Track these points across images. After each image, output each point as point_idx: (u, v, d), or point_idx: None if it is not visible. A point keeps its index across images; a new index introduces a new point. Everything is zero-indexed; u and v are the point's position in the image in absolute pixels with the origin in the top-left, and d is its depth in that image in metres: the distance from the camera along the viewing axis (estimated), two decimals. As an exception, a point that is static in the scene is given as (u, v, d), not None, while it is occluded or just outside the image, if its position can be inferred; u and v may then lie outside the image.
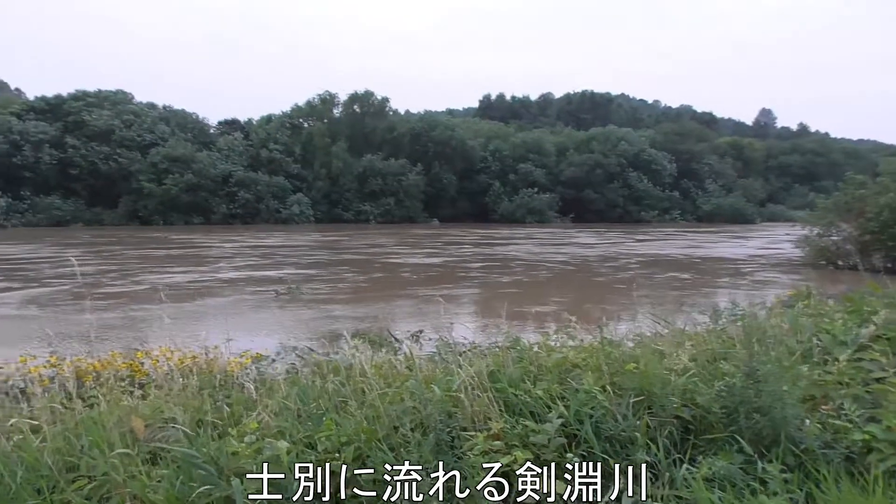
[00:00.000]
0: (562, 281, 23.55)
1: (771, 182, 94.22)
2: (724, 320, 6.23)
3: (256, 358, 6.29)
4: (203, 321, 14.90)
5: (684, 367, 4.01)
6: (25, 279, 21.86)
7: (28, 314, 15.76)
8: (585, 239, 47.04)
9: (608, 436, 3.42)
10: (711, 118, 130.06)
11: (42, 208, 59.41)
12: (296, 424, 3.37)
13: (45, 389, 4.11)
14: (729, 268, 28.00)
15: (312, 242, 41.98)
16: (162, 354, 5.31)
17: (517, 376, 3.87)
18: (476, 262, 29.31)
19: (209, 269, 25.85)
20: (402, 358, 4.73)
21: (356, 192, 69.48)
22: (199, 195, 62.34)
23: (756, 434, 3.41)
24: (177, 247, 37.63)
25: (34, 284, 20.32)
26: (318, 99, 76.93)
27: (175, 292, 18.71)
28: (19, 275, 23.22)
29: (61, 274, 23.11)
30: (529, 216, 71.55)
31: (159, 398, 3.74)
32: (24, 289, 19.66)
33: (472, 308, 17.66)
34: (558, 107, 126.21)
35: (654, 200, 78.16)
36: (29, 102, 68.94)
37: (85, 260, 29.31)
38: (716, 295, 19.29)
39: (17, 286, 20.46)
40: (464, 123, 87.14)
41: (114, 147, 63.31)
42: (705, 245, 42.26)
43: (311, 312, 15.98)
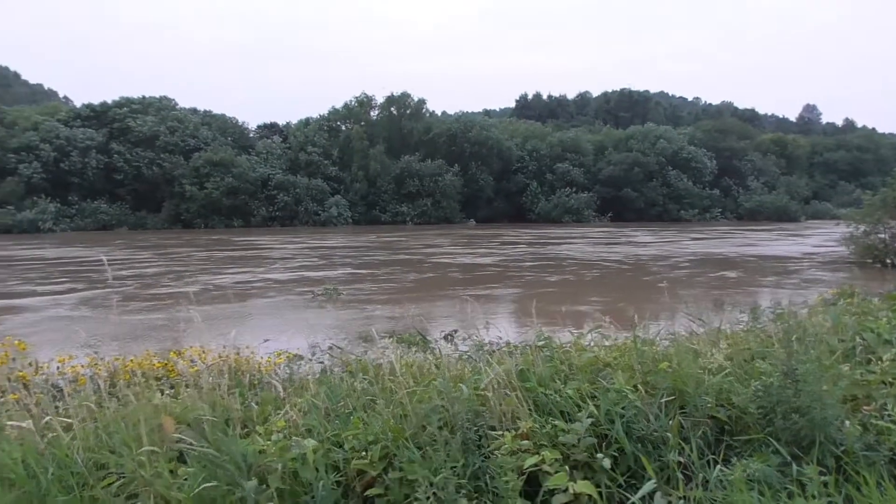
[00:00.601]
0: (609, 280, 23.29)
1: (816, 179, 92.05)
2: (764, 319, 6.09)
3: (290, 358, 6.34)
4: (244, 322, 15.15)
5: (719, 367, 3.91)
6: (90, 280, 22.55)
7: (80, 315, 16.19)
8: (641, 238, 46.70)
9: (640, 436, 3.35)
10: (754, 115, 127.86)
11: (89, 213, 60.99)
12: (324, 423, 3.36)
13: (79, 389, 4.19)
14: (778, 266, 27.42)
15: (369, 243, 42.47)
16: (195, 354, 5.37)
17: (547, 375, 3.81)
18: (528, 262, 29.22)
19: (263, 270, 26.30)
20: (431, 357, 4.70)
21: (393, 193, 69.85)
22: (240, 198, 63.32)
23: (794, 435, 3.31)
24: (239, 248, 38.49)
25: (98, 286, 20.87)
26: (355, 101, 77.60)
27: (224, 293, 19.11)
28: (83, 276, 23.96)
29: (121, 276, 23.81)
30: (567, 216, 71.10)
31: (190, 397, 3.77)
32: (87, 290, 20.26)
33: (514, 307, 17.55)
34: (596, 105, 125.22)
35: (694, 199, 76.99)
36: (76, 110, 70.89)
37: (150, 261, 30.26)
38: (759, 294, 18.94)
39: (80, 287, 21.17)
40: (500, 123, 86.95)
41: (158, 152, 64.75)
42: (761, 243, 41.61)
43: (351, 313, 16.10)
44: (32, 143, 61.06)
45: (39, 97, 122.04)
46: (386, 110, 77.79)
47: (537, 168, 76.41)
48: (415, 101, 77.83)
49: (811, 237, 45.92)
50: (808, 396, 3.30)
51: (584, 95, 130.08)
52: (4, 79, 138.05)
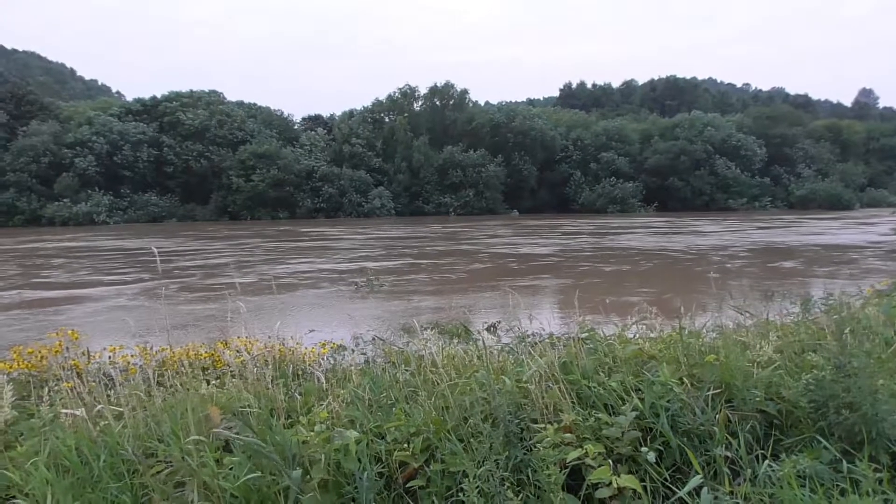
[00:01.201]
0: (664, 270, 22.97)
1: (872, 165, 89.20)
2: (816, 310, 5.92)
3: (334, 348, 6.40)
4: (292, 312, 15.37)
5: (769, 360, 3.82)
6: (155, 271, 23.08)
7: (138, 305, 16.66)
8: (704, 227, 46.20)
9: (685, 430, 3.28)
10: (807, 100, 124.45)
11: (140, 205, 62.61)
12: (366, 414, 3.38)
13: (129, 378, 4.29)
14: (840, 255, 26.67)
15: (433, 233, 42.97)
16: (241, 344, 5.45)
17: (591, 368, 3.77)
18: (587, 252, 29.10)
19: (324, 261, 26.75)
20: (473, 348, 4.69)
21: (436, 184, 70.00)
22: (285, 190, 64.21)
23: (846, 431, 3.21)
24: (307, 239, 39.23)
25: (161, 276, 21.44)
26: (398, 93, 77.90)
27: (277, 284, 19.56)
28: (151, 267, 24.63)
29: (186, 266, 24.51)
30: (611, 206, 70.40)
31: (235, 387, 3.83)
32: (150, 280, 20.85)
33: (561, 298, 17.39)
34: (642, 93, 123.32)
35: (742, 187, 75.39)
36: (127, 104, 72.63)
37: (217, 252, 31.28)
38: (814, 284, 18.46)
39: (146, 277, 21.87)
40: (544, 113, 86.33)
41: (206, 145, 66.04)
42: (828, 231, 40.79)
43: (397, 304, 16.20)
44: (86, 137, 62.78)
45: (94, 93, 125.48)
46: (429, 101, 77.92)
47: (581, 158, 75.72)
48: (458, 92, 77.81)
49: (878, 225, 44.47)
50: (861, 391, 3.20)
51: (630, 83, 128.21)
52: (61, 75, 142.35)
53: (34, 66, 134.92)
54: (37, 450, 3.10)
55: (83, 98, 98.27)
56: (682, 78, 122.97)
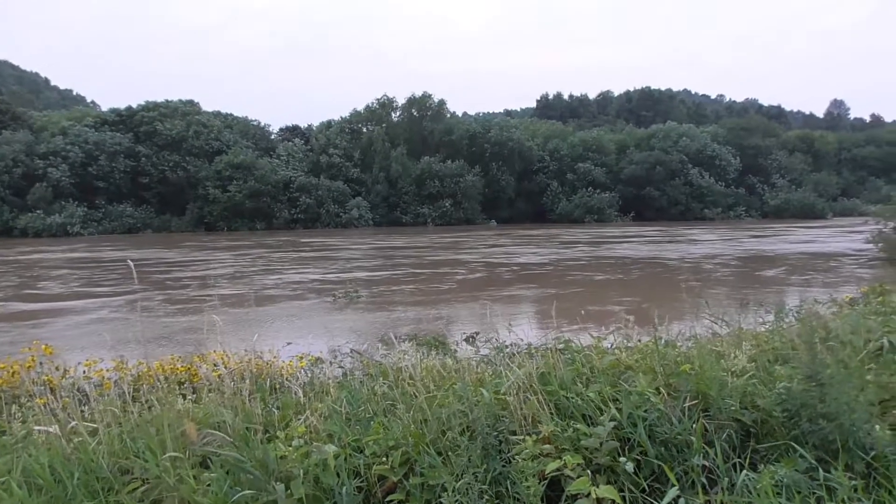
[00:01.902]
0: (651, 279, 23.07)
1: (844, 176, 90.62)
2: (790, 319, 6.01)
3: (312, 361, 6.36)
4: (272, 325, 15.23)
5: (743, 369, 3.86)
6: (143, 283, 22.85)
7: (122, 318, 16.37)
8: (699, 236, 47.04)
9: (663, 439, 3.30)
10: (780, 111, 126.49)
11: (115, 216, 61.87)
12: (344, 428, 3.37)
13: (104, 393, 4.24)
14: (821, 264, 26.98)
15: (433, 243, 42.95)
16: (218, 358, 5.41)
17: (568, 378, 3.78)
18: (582, 261, 29.18)
19: (320, 271, 26.58)
20: (452, 360, 4.69)
21: (414, 195, 70.01)
22: (262, 201, 63.87)
23: (821, 440, 3.25)
24: (308, 249, 38.99)
25: (149, 288, 21.10)
26: (376, 103, 77.91)
27: (262, 295, 19.42)
28: (151, 279, 24.35)
29: (180, 278, 24.30)
30: (588, 215, 70.85)
31: (212, 402, 3.80)
32: (135, 291, 20.36)
33: (545, 308, 17.35)
34: (618, 104, 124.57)
35: (717, 197, 76.30)
36: (103, 114, 71.82)
37: (211, 262, 31.06)
38: (790, 292, 18.70)
39: (129, 288, 21.24)
40: (521, 124, 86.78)
41: (183, 155, 65.53)
42: (818, 240, 41.46)
43: (378, 315, 16.11)
44: (60, 147, 62.02)
45: (69, 102, 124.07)
46: (407, 112, 78.01)
47: (558, 168, 76.18)
48: (435, 103, 77.98)
49: (863, 233, 45.46)
50: (833, 400, 3.24)
51: (606, 95, 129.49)
52: (35, 85, 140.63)
53: (7, 76, 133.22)
54: (9, 468, 3.05)
55: (57, 108, 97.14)
56: (657, 89, 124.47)
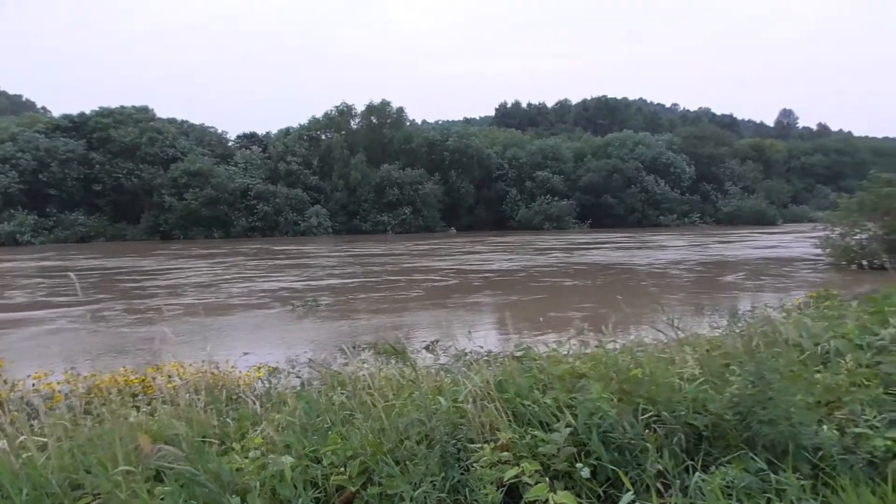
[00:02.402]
0: (616, 285, 23.24)
1: (793, 183, 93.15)
2: (742, 323, 6.14)
3: (270, 371, 6.30)
4: (233, 334, 15.01)
5: (694, 374, 3.94)
6: (108, 292, 22.19)
7: (81, 328, 15.87)
8: (669, 242, 47.86)
9: (618, 445, 3.35)
10: (732, 120, 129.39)
11: (67, 224, 60.33)
12: (301, 439, 3.34)
13: (54, 407, 4.14)
14: (778, 269, 27.65)
15: (410, 251, 42.82)
16: (174, 369, 5.33)
17: (526, 386, 3.82)
18: (554, 268, 29.33)
19: (292, 279, 26.36)
20: (411, 369, 4.69)
21: (374, 202, 69.74)
22: (219, 209, 62.97)
23: (770, 442, 3.33)
24: (285, 257, 38.51)
25: (115, 298, 20.55)
26: (335, 111, 77.45)
27: (221, 304, 19.27)
28: (118, 287, 23.77)
29: (145, 287, 23.72)
30: (548, 223, 71.37)
31: (166, 414, 3.74)
32: (98, 303, 19.78)
33: (508, 315, 17.35)
34: (575, 113, 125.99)
35: (672, 204, 77.67)
36: (54, 120, 69.94)
37: (194, 270, 30.67)
38: (745, 297, 19.08)
39: (91, 298, 20.76)
40: (480, 132, 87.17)
41: (137, 162, 64.25)
42: (781, 245, 42.65)
43: (341, 324, 15.99)
44: (10, 154, 60.33)
45: (18, 108, 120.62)
46: (366, 119, 77.74)
47: (517, 176, 76.65)
48: (394, 110, 77.87)
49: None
50: (781, 403, 3.33)
51: (564, 103, 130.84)
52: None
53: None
54: (-46, 485, 2.96)
55: (7, 114, 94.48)
56: (613, 98, 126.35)
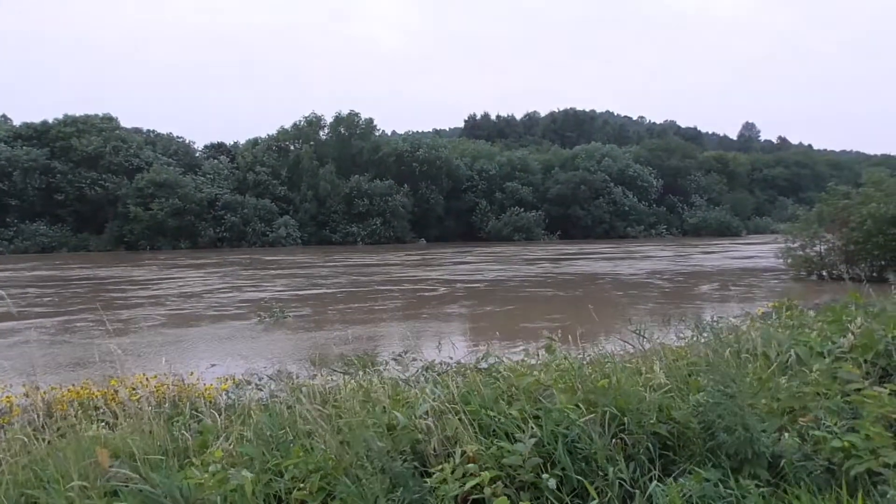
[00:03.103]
0: (590, 295, 23.34)
1: (756, 194, 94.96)
2: (707, 333, 6.21)
3: (236, 383, 6.21)
4: (202, 346, 14.80)
5: (660, 384, 3.98)
6: (91, 303, 21.63)
7: (56, 340, 15.43)
8: (654, 252, 48.67)
9: (584, 455, 3.37)
10: (696, 133, 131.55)
11: (28, 235, 59.11)
12: (264, 452, 3.30)
13: (11, 421, 4.04)
14: (751, 278, 28.09)
15: (404, 260, 43.16)
16: (137, 382, 5.23)
17: (491, 397, 3.81)
18: (531, 278, 29.39)
19: (281, 288, 26.38)
20: (377, 380, 4.66)
21: (343, 213, 69.52)
22: (186, 219, 62.23)
23: (732, 450, 3.37)
24: (280, 268, 38.21)
25: (93, 310, 19.99)
26: (304, 122, 77.15)
27: (193, 315, 19.12)
28: (99, 298, 23.34)
29: (127, 297, 23.40)
30: (517, 234, 71.80)
31: (129, 427, 3.67)
32: (85, 311, 19.41)
33: (480, 325, 17.31)
34: (544, 125, 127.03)
35: (640, 215, 78.67)
36: (15, 129, 68.52)
37: (175, 280, 30.43)
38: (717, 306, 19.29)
39: (87, 307, 20.36)
40: (449, 143, 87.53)
41: (101, 172, 63.21)
42: (758, 255, 42.85)
43: (308, 335, 15.83)
44: (-31, 162, 59.12)
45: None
46: (335, 130, 77.58)
47: (487, 187, 77.05)
48: (363, 121, 77.82)
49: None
50: (735, 415, 3.37)
51: (532, 115, 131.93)
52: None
53: None
54: None
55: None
56: (581, 110, 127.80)
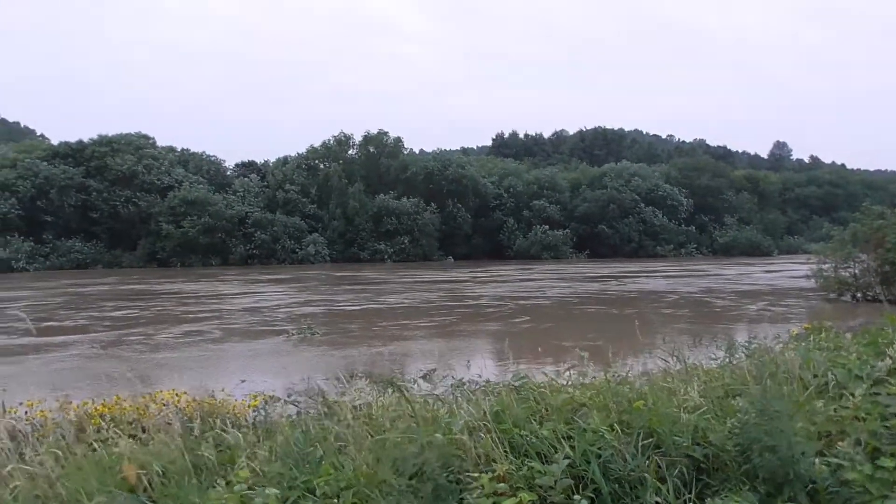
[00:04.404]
0: (642, 313, 23.34)
1: (788, 214, 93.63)
2: (740, 354, 6.12)
3: (266, 400, 6.23)
4: (229, 362, 14.94)
5: (695, 405, 3.91)
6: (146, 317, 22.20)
7: (105, 354, 15.76)
8: (720, 271, 48.61)
9: (617, 476, 3.32)
10: (726, 151, 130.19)
11: (63, 251, 60.18)
12: (294, 469, 3.29)
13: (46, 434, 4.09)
14: (779, 298, 27.73)
15: (468, 277, 43.88)
16: (168, 397, 5.27)
17: (523, 416, 3.78)
18: (599, 296, 29.60)
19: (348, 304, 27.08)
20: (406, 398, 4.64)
21: (371, 231, 69.83)
22: (216, 237, 62.93)
23: (770, 473, 3.30)
24: (362, 283, 39.02)
25: (143, 325, 20.47)
26: (333, 140, 77.86)
27: (244, 330, 19.50)
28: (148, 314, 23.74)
29: (189, 312, 23.89)
30: (545, 252, 71.48)
31: (159, 443, 3.69)
32: (117, 330, 19.67)
33: (512, 344, 17.13)
34: (572, 143, 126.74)
35: (670, 235, 77.91)
36: (53, 147, 70.03)
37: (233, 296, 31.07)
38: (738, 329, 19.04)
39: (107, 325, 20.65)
40: (477, 161, 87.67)
41: (134, 190, 64.33)
42: (785, 275, 42.68)
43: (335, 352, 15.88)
44: (9, 181, 60.39)
45: (16, 135, 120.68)
46: (363, 149, 78.18)
47: (514, 205, 76.92)
48: (392, 140, 78.30)
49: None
50: (779, 435, 3.30)
51: (560, 134, 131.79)
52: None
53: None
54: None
55: (4, 140, 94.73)
56: (610, 129, 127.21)
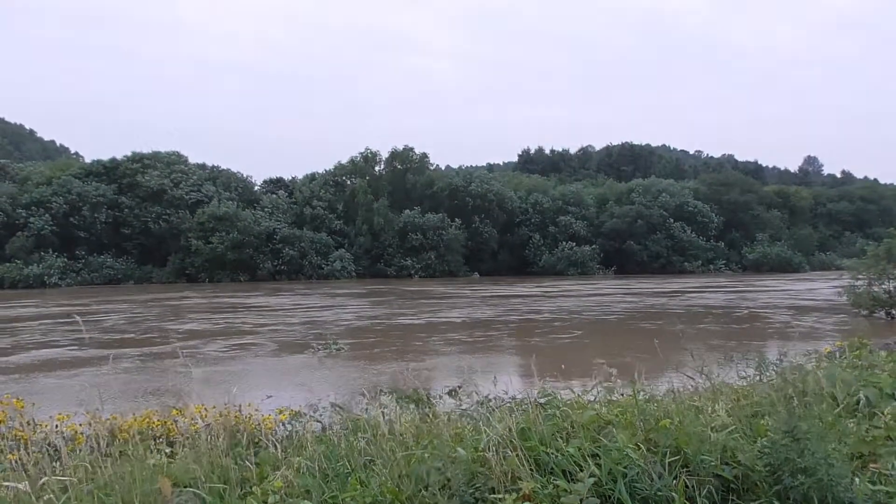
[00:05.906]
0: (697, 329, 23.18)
1: (820, 230, 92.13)
2: (770, 372, 6.03)
3: (292, 415, 6.27)
4: (254, 377, 15.03)
5: (723, 424, 3.86)
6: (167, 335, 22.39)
7: (150, 367, 15.95)
8: (777, 286, 48.74)
9: (643, 496, 3.28)
10: (756, 167, 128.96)
11: (95, 267, 61.29)
12: (321, 484, 3.31)
13: (76, 448, 4.15)
14: (808, 316, 27.31)
15: (513, 292, 44.19)
16: (196, 412, 5.32)
17: (549, 434, 3.76)
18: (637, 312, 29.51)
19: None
20: (432, 415, 4.65)
21: (397, 247, 70.14)
22: (245, 252, 63.60)
23: (802, 494, 3.24)
24: (415, 297, 39.55)
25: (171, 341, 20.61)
26: (360, 157, 78.54)
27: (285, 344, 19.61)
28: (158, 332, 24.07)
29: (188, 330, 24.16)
30: (571, 268, 71.12)
31: (188, 457, 3.73)
32: (155, 346, 19.82)
33: (540, 360, 17.08)
34: (598, 159, 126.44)
35: (698, 251, 77.06)
36: (86, 165, 71.63)
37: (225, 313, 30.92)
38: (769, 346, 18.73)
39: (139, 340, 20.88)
40: (503, 177, 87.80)
41: (164, 207, 65.39)
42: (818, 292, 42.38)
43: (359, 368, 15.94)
44: (45, 198, 61.77)
45: (52, 153, 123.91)
46: (390, 165, 78.77)
47: (540, 221, 76.72)
48: (418, 156, 78.78)
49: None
50: (812, 455, 3.25)
51: (587, 149, 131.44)
52: (20, 136, 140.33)
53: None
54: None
55: (40, 158, 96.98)
56: (637, 144, 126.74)
